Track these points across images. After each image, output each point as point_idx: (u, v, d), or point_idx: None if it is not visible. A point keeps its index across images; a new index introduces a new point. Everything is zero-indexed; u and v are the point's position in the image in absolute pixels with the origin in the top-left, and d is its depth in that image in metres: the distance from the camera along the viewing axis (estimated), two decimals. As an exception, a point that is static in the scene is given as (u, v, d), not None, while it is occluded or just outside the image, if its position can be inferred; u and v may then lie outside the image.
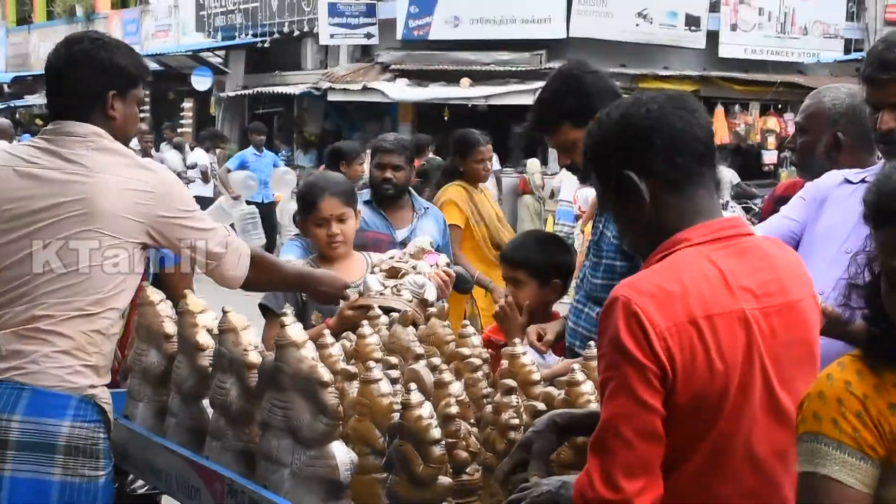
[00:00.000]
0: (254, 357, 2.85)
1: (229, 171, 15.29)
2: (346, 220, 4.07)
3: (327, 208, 4.03)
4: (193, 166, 17.66)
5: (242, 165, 15.36)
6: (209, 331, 3.10)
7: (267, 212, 15.00)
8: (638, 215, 2.25)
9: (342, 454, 2.58)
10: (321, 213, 4.03)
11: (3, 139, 9.79)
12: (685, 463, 2.14)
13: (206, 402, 3.12)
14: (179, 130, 24.58)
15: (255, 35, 22.81)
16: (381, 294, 3.70)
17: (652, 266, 2.22)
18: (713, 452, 2.14)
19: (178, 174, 17.85)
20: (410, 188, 5.59)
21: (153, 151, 16.77)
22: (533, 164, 17.71)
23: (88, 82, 3.24)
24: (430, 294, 3.76)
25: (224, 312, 2.96)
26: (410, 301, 3.69)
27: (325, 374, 2.59)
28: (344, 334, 3.39)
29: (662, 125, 2.21)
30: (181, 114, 25.43)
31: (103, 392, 3.14)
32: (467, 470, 2.58)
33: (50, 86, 3.32)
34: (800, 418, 1.85)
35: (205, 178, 17.50)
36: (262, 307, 4.02)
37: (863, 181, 3.22)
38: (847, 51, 20.54)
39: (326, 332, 3.09)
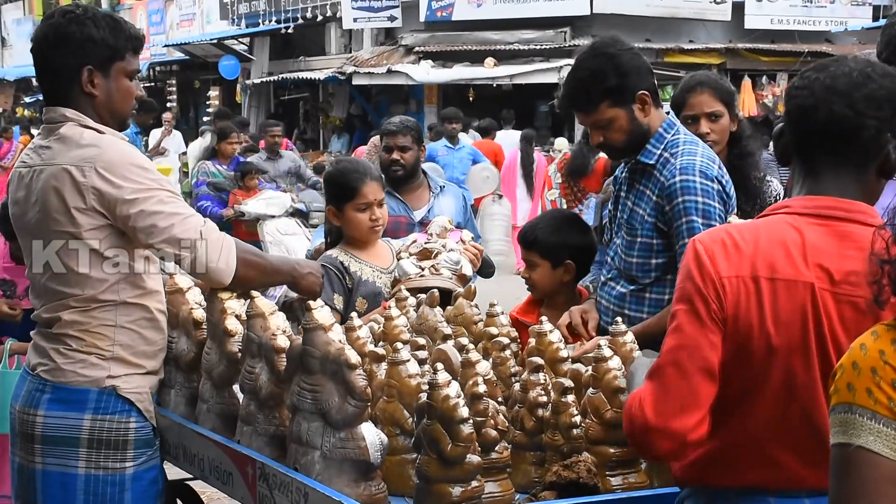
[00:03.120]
0: (282, 341, 2.86)
1: None
2: (383, 205, 4.11)
3: (370, 192, 4.04)
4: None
5: (430, 159, 12.16)
6: (237, 317, 3.12)
7: None
8: None
9: (372, 435, 2.59)
10: (365, 197, 4.03)
11: None
12: (734, 420, 2.18)
13: (236, 388, 3.14)
14: (206, 119, 24.67)
15: (278, 21, 22.83)
16: (421, 276, 3.72)
17: (744, 221, 2.31)
18: (768, 417, 2.17)
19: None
20: (424, 169, 5.57)
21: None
22: (560, 142, 17.67)
23: (61, 60, 3.09)
24: (467, 269, 3.79)
25: (251, 298, 2.98)
26: (451, 278, 3.71)
27: (353, 357, 2.60)
28: (372, 317, 3.41)
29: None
30: (207, 102, 25.51)
31: (128, 382, 3.11)
32: (496, 448, 2.58)
33: (35, 69, 3.19)
34: (833, 389, 1.83)
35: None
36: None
37: None
38: (875, 18, 20.28)
39: (354, 314, 3.11)
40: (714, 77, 4.44)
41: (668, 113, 3.65)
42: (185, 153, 17.63)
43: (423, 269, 3.75)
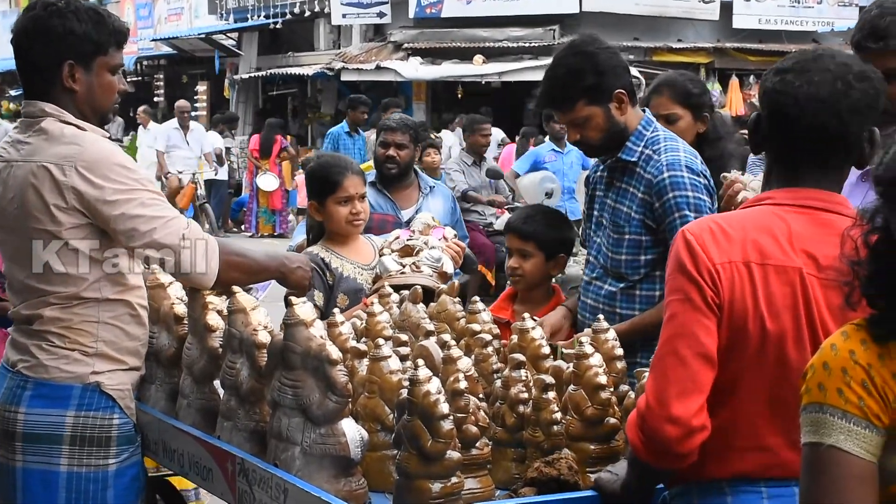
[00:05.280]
0: (263, 337, 2.85)
1: (517, 175, 10.46)
2: (364, 199, 4.12)
3: (351, 186, 4.06)
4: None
5: (536, 166, 10.60)
6: (219, 312, 3.11)
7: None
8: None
9: (352, 431, 2.59)
10: (346, 191, 4.04)
11: None
12: (730, 404, 2.21)
13: (217, 383, 3.13)
14: (194, 114, 24.59)
15: (267, 16, 22.78)
16: (402, 273, 3.73)
17: (727, 213, 2.37)
18: (763, 400, 2.21)
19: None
20: (416, 168, 5.56)
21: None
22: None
23: (41, 53, 3.02)
24: (448, 266, 3.81)
25: (233, 293, 2.97)
26: (431, 276, 3.71)
27: (334, 352, 2.59)
28: (356, 313, 3.40)
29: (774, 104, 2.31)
30: (195, 97, 25.44)
31: (112, 378, 3.09)
32: (477, 444, 2.58)
33: (15, 62, 3.11)
34: (804, 389, 1.85)
35: (219, 161, 17.59)
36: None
37: None
38: (862, 19, 20.34)
39: (336, 310, 3.10)
40: (678, 79, 4.40)
41: (644, 111, 3.67)
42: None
43: (403, 266, 3.76)
